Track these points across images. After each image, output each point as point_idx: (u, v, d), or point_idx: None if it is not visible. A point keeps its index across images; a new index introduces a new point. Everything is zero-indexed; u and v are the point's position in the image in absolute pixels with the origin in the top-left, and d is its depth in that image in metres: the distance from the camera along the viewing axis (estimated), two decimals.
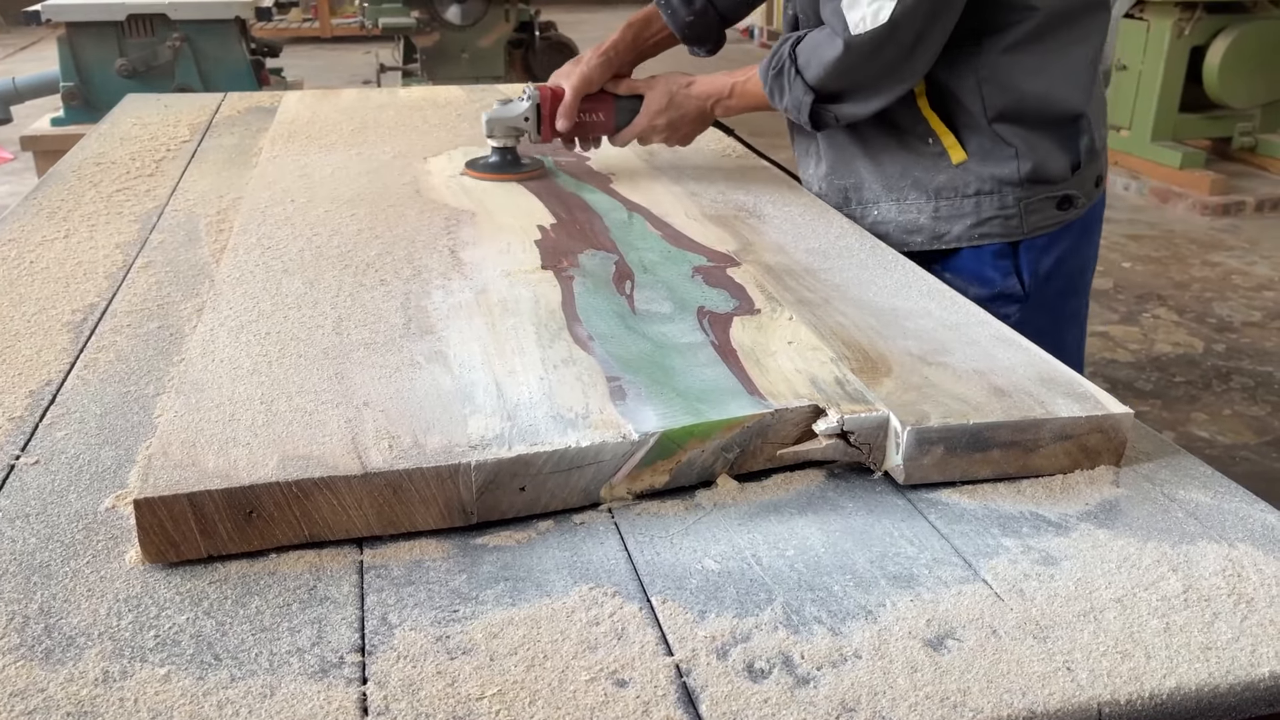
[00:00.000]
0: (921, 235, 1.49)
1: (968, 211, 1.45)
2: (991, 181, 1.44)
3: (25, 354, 1.07)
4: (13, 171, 5.36)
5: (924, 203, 1.47)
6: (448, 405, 0.90)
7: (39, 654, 0.68)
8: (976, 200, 1.45)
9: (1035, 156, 1.42)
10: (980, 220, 1.45)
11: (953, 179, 1.45)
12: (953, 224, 1.47)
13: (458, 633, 0.71)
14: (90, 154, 1.82)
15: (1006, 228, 1.45)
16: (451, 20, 5.83)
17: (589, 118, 1.57)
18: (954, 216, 1.46)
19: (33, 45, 9.46)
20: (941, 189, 1.46)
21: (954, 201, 1.46)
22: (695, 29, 1.64)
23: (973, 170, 1.44)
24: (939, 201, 1.47)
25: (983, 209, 1.45)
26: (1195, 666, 0.68)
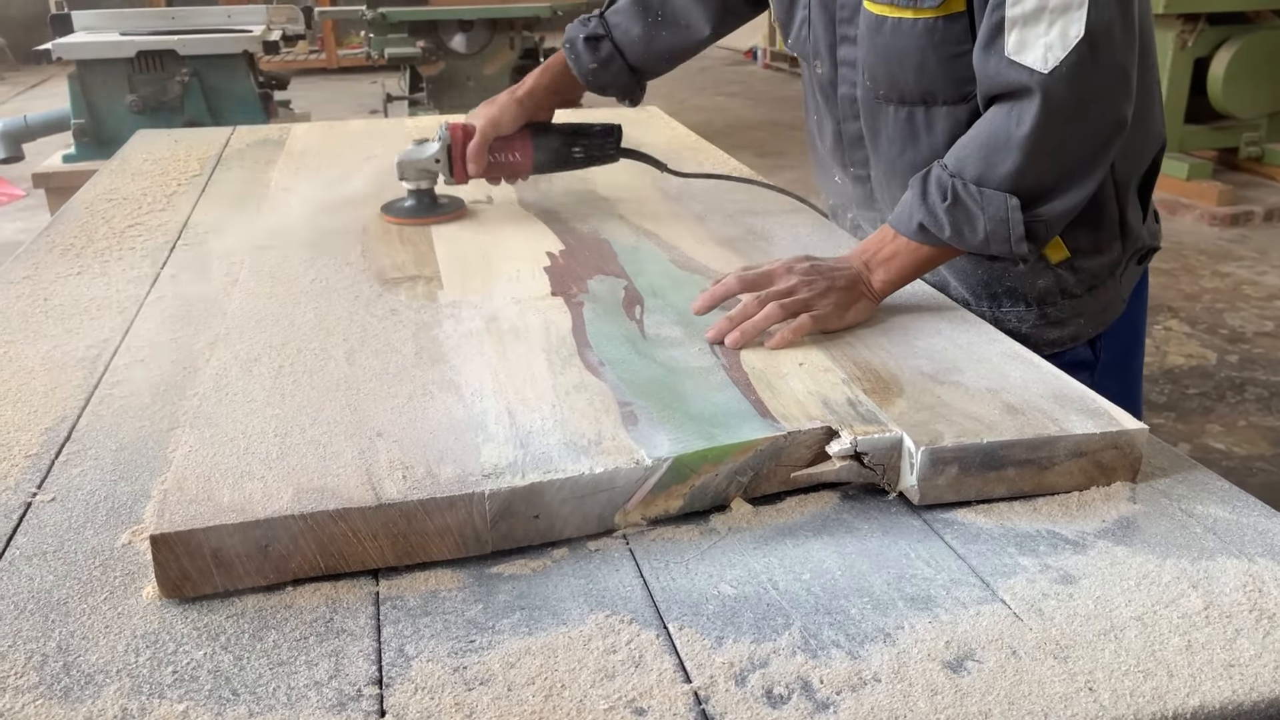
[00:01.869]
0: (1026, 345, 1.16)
1: (1078, 313, 1.25)
2: (1103, 272, 1.25)
3: (40, 391, 1.08)
4: (25, 208, 5.41)
5: (1024, 312, 1.28)
6: (460, 434, 0.90)
7: (58, 692, 0.68)
8: (1088, 298, 1.25)
9: (1131, 219, 1.24)
10: (1090, 318, 1.27)
11: (1059, 281, 1.25)
12: (1063, 329, 1.27)
13: (475, 663, 0.70)
14: (102, 190, 1.84)
15: (1112, 311, 1.28)
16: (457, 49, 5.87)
17: (504, 158, 1.53)
18: (1063, 320, 1.26)
19: (43, 83, 9.56)
20: (1046, 295, 1.26)
21: (1060, 305, 1.26)
22: (600, 77, 1.54)
23: (1081, 267, 1.24)
24: (1044, 308, 1.27)
25: (1093, 304, 1.25)
26: (1219, 684, 0.67)
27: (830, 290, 1.11)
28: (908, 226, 1.15)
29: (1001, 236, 1.10)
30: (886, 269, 1.15)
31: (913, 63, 1.20)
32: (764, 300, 1.10)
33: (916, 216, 1.14)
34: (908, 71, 1.21)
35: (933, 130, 1.25)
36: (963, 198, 1.10)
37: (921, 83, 1.21)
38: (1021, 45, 1.06)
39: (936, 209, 1.11)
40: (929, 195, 1.13)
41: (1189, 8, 4.98)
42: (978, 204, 1.10)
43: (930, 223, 1.12)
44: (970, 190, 1.10)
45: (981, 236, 1.10)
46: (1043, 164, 1.08)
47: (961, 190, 1.10)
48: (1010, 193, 1.09)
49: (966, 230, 1.11)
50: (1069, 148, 1.09)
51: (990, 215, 1.09)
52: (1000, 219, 1.09)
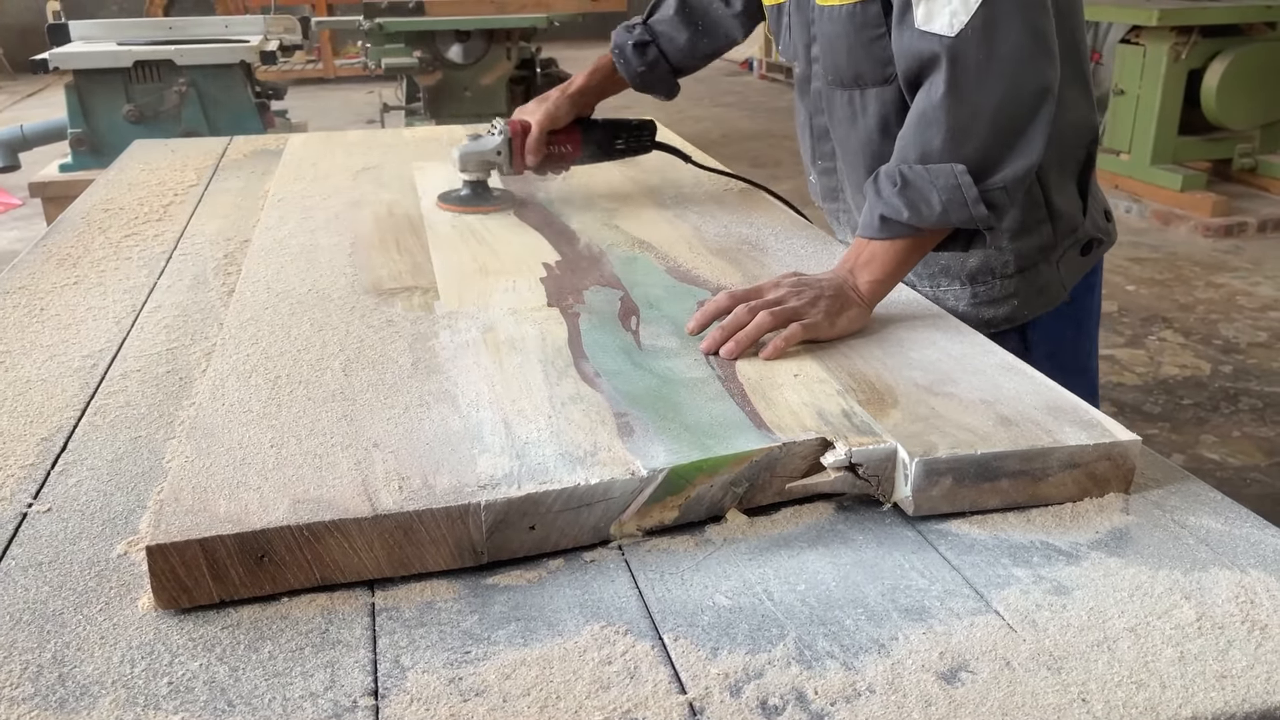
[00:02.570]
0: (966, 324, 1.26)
1: (1011, 293, 1.31)
2: (1032, 253, 1.30)
3: (36, 401, 1.08)
4: (22, 218, 5.41)
5: (959, 290, 1.34)
6: (456, 445, 0.90)
7: (53, 703, 0.68)
8: (1019, 279, 1.30)
9: (1063, 206, 1.29)
10: (1026, 300, 1.31)
11: (987, 261, 1.31)
12: (998, 308, 1.32)
13: (470, 674, 0.71)
14: (99, 200, 1.84)
15: (1050, 297, 1.31)
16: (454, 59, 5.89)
17: (557, 150, 1.66)
18: (996, 300, 1.32)
19: (40, 92, 9.57)
20: (976, 274, 1.32)
21: (992, 285, 1.32)
22: (647, 79, 1.69)
23: (1008, 248, 1.29)
24: (975, 286, 1.33)
25: (1027, 286, 1.30)
26: (1211, 695, 0.68)
27: (819, 299, 1.13)
28: (871, 225, 1.17)
29: (958, 203, 1.11)
30: (869, 270, 1.17)
31: (843, 46, 1.28)
32: (754, 310, 1.11)
33: (876, 211, 1.16)
34: (840, 55, 1.30)
35: (867, 112, 1.32)
36: (910, 178, 1.12)
37: (852, 65, 1.29)
38: (929, 16, 1.10)
39: (890, 198, 1.14)
40: (881, 190, 1.15)
41: (1182, 20, 5.01)
42: (926, 180, 1.12)
43: (889, 212, 1.14)
44: (916, 169, 1.12)
45: (939, 209, 1.11)
46: (973, 127, 1.10)
47: (909, 172, 1.13)
48: (953, 162, 1.11)
49: (923, 206, 1.12)
50: (994, 109, 1.10)
51: (941, 186, 1.11)
52: (952, 186, 1.11)
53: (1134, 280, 4.53)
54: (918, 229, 1.15)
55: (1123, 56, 5.37)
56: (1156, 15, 4.91)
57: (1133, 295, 4.37)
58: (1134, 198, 5.44)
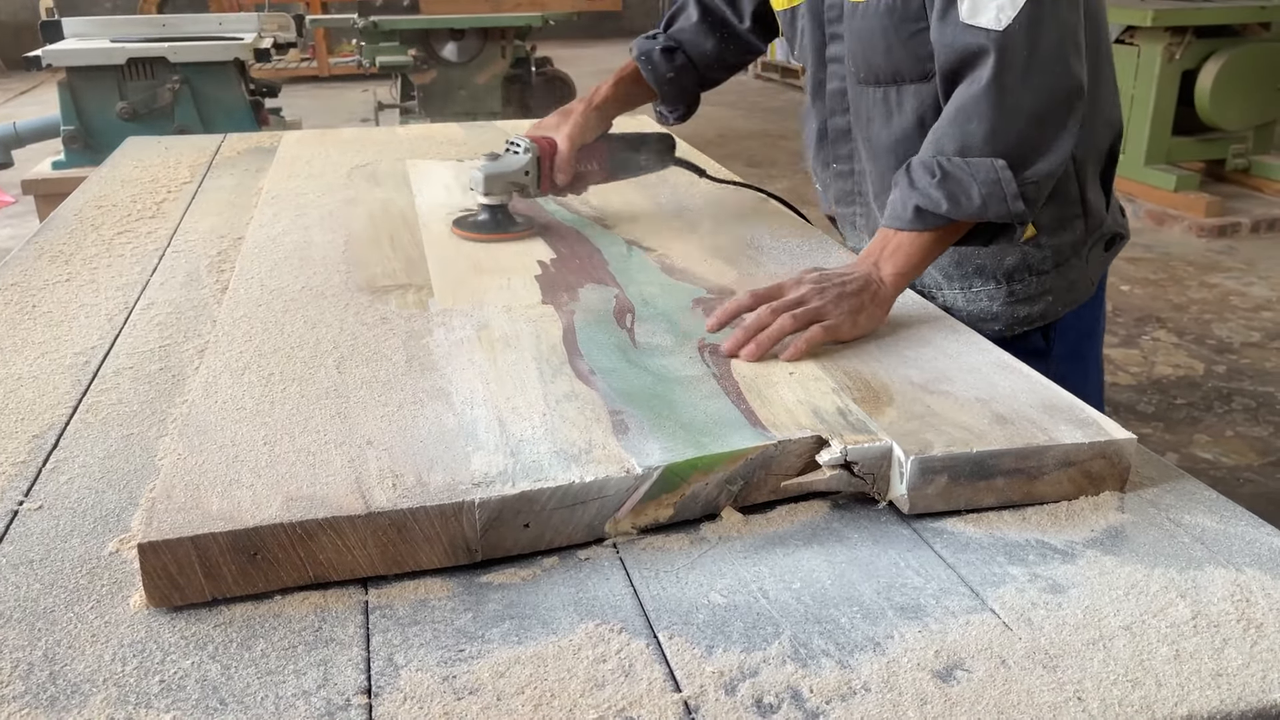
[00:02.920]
0: (999, 323, 1.32)
1: (1047, 289, 1.30)
2: (1067, 249, 1.30)
3: (28, 398, 1.08)
4: (14, 215, 5.39)
5: (994, 289, 1.33)
6: (450, 443, 0.90)
7: (44, 701, 0.67)
8: (1056, 275, 1.30)
9: (1094, 202, 1.30)
10: (1060, 295, 1.32)
11: (1025, 258, 1.30)
12: (1034, 305, 1.31)
13: (464, 673, 0.70)
14: (91, 197, 1.83)
15: (1080, 293, 1.33)
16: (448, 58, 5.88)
17: (584, 167, 1.55)
18: (1033, 297, 1.31)
19: (33, 89, 9.54)
20: (1014, 272, 1.31)
21: (1029, 282, 1.31)
22: (674, 86, 1.62)
23: (1046, 244, 1.28)
24: (1013, 285, 1.31)
25: (1062, 281, 1.30)
26: (1207, 694, 0.68)
27: (841, 297, 1.11)
28: (903, 217, 1.16)
29: (998, 197, 1.11)
30: (894, 261, 1.16)
31: (880, 44, 1.27)
32: (777, 311, 1.10)
33: (911, 202, 1.14)
34: (877, 53, 1.28)
35: (903, 109, 1.31)
36: (950, 170, 1.12)
37: (890, 62, 1.28)
38: (975, 10, 1.11)
39: (928, 189, 1.13)
40: (916, 181, 1.15)
41: (1177, 21, 5.02)
42: (966, 173, 1.12)
43: (926, 203, 1.13)
44: (955, 162, 1.12)
45: (979, 202, 1.11)
46: (1013, 121, 1.11)
47: (947, 164, 1.13)
48: (994, 156, 1.11)
49: (963, 199, 1.12)
50: (1034, 102, 1.11)
51: (982, 180, 1.11)
52: (992, 180, 1.11)
53: (1128, 280, 4.54)
54: (953, 221, 1.14)
55: (1117, 57, 5.36)
56: (1151, 16, 4.92)
57: (1126, 295, 4.37)
58: (1128, 198, 5.45)
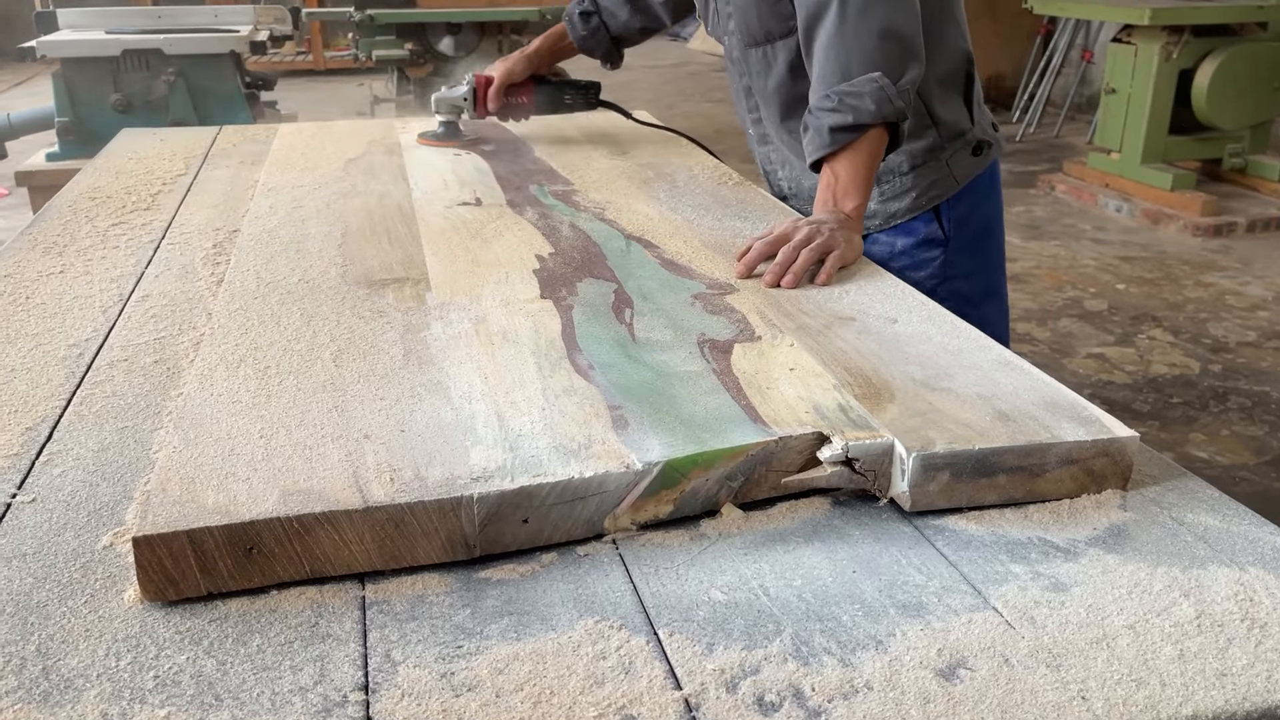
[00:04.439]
0: (877, 219, 1.62)
1: (909, 187, 1.59)
2: (921, 154, 1.57)
3: (21, 390, 1.07)
4: (7, 207, 5.36)
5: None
6: (449, 437, 0.89)
7: (37, 696, 0.66)
8: (914, 175, 1.58)
9: (946, 115, 1.56)
10: (922, 191, 1.59)
11: (887, 163, 1.54)
12: (900, 201, 1.60)
13: (462, 669, 0.70)
14: (86, 188, 1.82)
15: (944, 188, 1.59)
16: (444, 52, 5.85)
17: (514, 100, 2.03)
18: (898, 195, 1.59)
19: (27, 81, 9.49)
20: (880, 175, 1.57)
21: (894, 182, 1.59)
22: (589, 42, 2.03)
23: (901, 150, 1.50)
24: (880, 186, 1.59)
25: (921, 180, 1.58)
26: (1211, 694, 0.67)
27: (834, 231, 1.34)
28: (822, 144, 1.40)
29: (885, 100, 1.36)
30: (849, 196, 1.40)
31: (754, 12, 1.55)
32: (798, 248, 1.30)
33: (824, 126, 1.38)
34: (752, 19, 1.56)
35: (777, 60, 1.59)
36: (842, 93, 1.37)
37: (763, 25, 1.55)
38: None
39: (831, 114, 1.38)
40: (819, 113, 1.39)
41: (1173, 20, 5.01)
42: (855, 91, 1.37)
43: (834, 121, 1.38)
44: (843, 87, 1.37)
45: (873, 107, 1.36)
46: (867, 42, 1.36)
47: (838, 90, 1.38)
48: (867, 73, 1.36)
49: (861, 108, 1.36)
50: (883, 30, 1.36)
51: (869, 91, 1.36)
52: (877, 89, 1.36)
53: (1123, 279, 4.54)
54: (861, 128, 1.37)
55: (1114, 55, 5.37)
56: (1148, 14, 4.91)
57: (1122, 294, 4.37)
58: (1124, 197, 5.45)
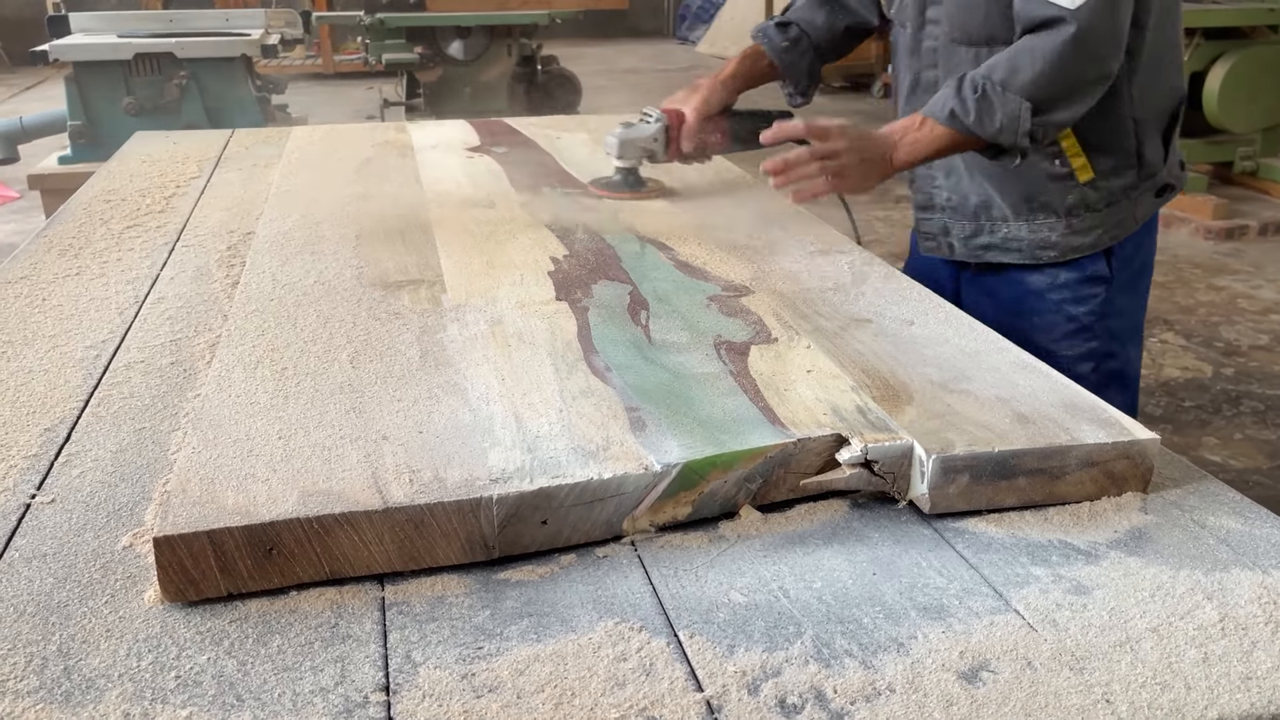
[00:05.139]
0: (1053, 250, 1.54)
1: (1098, 225, 1.52)
2: (1118, 193, 1.52)
3: (39, 392, 1.07)
4: (19, 210, 5.38)
5: (1054, 221, 1.53)
6: (467, 438, 0.89)
7: (59, 696, 0.66)
8: (1106, 214, 1.52)
9: (1150, 156, 1.51)
10: (1107, 229, 1.53)
11: (1083, 197, 1.51)
12: (1086, 236, 1.53)
13: (483, 670, 0.69)
14: (100, 191, 1.82)
15: (1125, 228, 1.54)
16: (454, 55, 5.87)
17: (708, 137, 1.72)
18: (1086, 230, 1.52)
19: (39, 84, 9.53)
20: (1073, 208, 1.52)
21: (1084, 217, 1.52)
22: (790, 55, 1.77)
23: (1101, 186, 1.50)
24: (1070, 219, 1.52)
25: (1110, 219, 1.52)
26: (1237, 697, 0.67)
27: (862, 161, 1.41)
28: (940, 112, 1.39)
29: (1011, 130, 1.36)
30: (910, 149, 1.42)
31: (981, 13, 1.48)
32: (814, 156, 1.39)
33: (949, 105, 1.38)
34: (977, 19, 1.48)
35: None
36: (989, 94, 1.36)
37: (987, 27, 1.48)
38: None
39: (968, 100, 1.37)
40: (963, 90, 1.38)
41: (1185, 22, 4.98)
42: (999, 100, 1.36)
43: (960, 110, 1.37)
44: (996, 89, 1.36)
45: (996, 126, 1.36)
46: (1054, 80, 1.35)
47: (989, 88, 1.36)
48: (1024, 98, 1.35)
49: (986, 120, 1.36)
50: (1078, 74, 1.36)
51: (1006, 111, 1.36)
52: (1014, 115, 1.36)
53: None
54: (971, 133, 1.37)
55: None
56: None
57: None
58: None
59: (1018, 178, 1.51)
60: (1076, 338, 1.54)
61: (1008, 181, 1.53)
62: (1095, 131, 1.47)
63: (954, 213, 1.60)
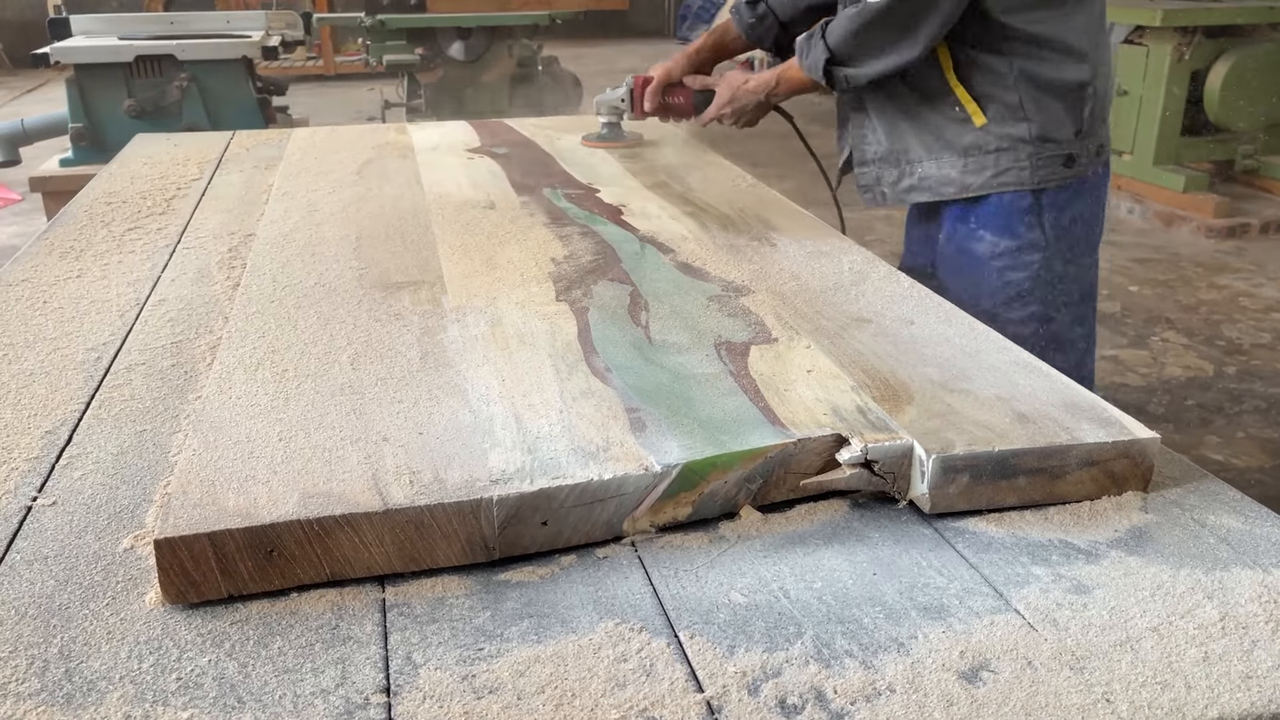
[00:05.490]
0: (953, 187, 1.77)
1: (988, 165, 1.74)
2: (1008, 140, 1.73)
3: (40, 394, 1.07)
4: (21, 213, 5.39)
5: (955, 159, 1.76)
6: (467, 439, 0.89)
7: (60, 699, 0.67)
8: (996, 155, 1.74)
9: (1043, 119, 1.71)
10: (998, 172, 1.74)
11: (977, 139, 1.74)
12: (978, 175, 1.75)
13: (484, 671, 0.69)
14: (101, 193, 1.83)
15: (1019, 178, 1.73)
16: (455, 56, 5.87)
17: (672, 100, 1.99)
18: (978, 170, 1.75)
19: (40, 87, 9.54)
20: (969, 148, 1.75)
21: (978, 158, 1.75)
22: (757, 29, 1.99)
23: (992, 131, 1.72)
24: (967, 159, 1.75)
25: (1000, 163, 1.73)
26: (1237, 696, 0.67)
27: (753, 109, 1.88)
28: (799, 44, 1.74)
29: (813, 70, 1.71)
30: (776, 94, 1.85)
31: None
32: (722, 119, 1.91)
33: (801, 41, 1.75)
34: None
35: None
36: (812, 39, 1.71)
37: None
38: None
39: (801, 42, 1.74)
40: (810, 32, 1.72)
41: (1185, 21, 5.00)
42: (815, 46, 1.70)
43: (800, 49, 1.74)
44: (816, 36, 1.70)
45: (807, 65, 1.72)
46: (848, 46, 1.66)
47: (814, 35, 1.70)
48: (828, 46, 1.68)
49: (803, 58, 1.73)
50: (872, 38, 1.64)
51: (814, 56, 1.70)
52: (816, 61, 1.70)
53: (1136, 281, 4.52)
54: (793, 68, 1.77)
55: (1126, 57, 5.35)
56: (1160, 15, 4.90)
57: (1135, 296, 4.35)
58: (1136, 198, 5.43)
59: (929, 120, 1.76)
60: (1016, 302, 1.75)
61: (921, 126, 1.77)
62: (978, 83, 1.70)
63: (882, 163, 1.84)
